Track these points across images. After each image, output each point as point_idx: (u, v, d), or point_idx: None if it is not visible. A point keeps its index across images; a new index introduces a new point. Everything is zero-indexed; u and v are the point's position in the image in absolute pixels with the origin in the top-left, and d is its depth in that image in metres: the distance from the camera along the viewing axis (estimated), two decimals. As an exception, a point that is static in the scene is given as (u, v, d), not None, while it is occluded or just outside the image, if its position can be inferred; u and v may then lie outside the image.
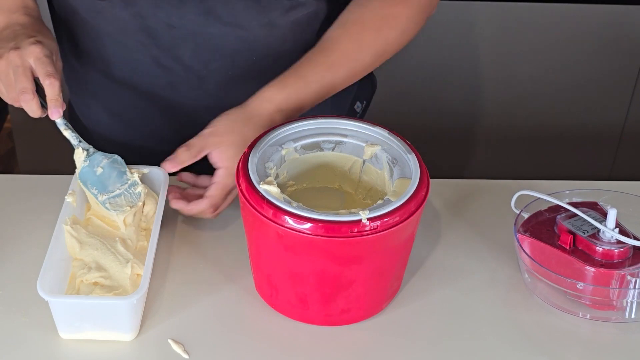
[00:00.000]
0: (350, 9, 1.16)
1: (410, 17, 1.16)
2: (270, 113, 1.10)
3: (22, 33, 1.07)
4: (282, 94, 1.10)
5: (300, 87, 1.11)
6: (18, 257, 1.06)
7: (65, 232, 1.01)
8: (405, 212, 0.93)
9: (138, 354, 0.96)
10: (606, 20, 2.05)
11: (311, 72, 1.12)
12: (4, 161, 2.62)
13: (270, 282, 0.99)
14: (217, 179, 1.07)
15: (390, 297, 1.02)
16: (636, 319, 1.01)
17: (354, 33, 1.14)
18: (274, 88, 1.11)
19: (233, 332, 0.99)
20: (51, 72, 1.02)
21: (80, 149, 1.07)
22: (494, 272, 1.08)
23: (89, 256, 1.01)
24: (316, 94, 1.12)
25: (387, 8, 1.15)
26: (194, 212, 1.08)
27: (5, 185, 1.20)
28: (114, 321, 0.95)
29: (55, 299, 0.93)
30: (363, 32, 1.14)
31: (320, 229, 0.90)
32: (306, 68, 1.13)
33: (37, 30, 1.09)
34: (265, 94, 1.10)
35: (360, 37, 1.14)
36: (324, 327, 1.00)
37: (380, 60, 1.17)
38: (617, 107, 2.21)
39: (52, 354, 0.95)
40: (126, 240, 1.04)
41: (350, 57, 1.14)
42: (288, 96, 1.10)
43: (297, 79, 1.12)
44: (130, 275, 0.99)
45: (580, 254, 1.01)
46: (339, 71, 1.14)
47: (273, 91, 1.10)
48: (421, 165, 0.99)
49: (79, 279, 1.00)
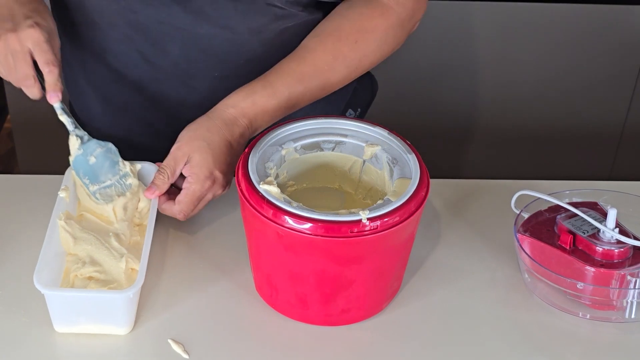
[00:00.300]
0: (329, 18, 1.15)
1: (388, 31, 1.15)
2: (234, 117, 1.09)
3: (19, 13, 1.06)
4: (247, 101, 1.09)
5: (268, 95, 1.10)
6: (19, 257, 1.06)
7: (59, 227, 1.02)
8: (405, 212, 0.93)
9: (133, 349, 0.96)
10: (606, 20, 2.05)
11: (281, 81, 1.11)
12: (4, 161, 2.62)
13: (270, 282, 0.99)
14: (186, 184, 1.06)
15: (390, 297, 1.02)
16: (636, 319, 1.01)
17: (330, 44, 1.13)
18: (240, 94, 1.10)
19: (233, 332, 0.99)
20: (50, 59, 1.03)
21: (74, 136, 1.08)
22: (494, 272, 1.08)
23: (83, 251, 1.02)
24: (285, 103, 1.11)
25: (365, 20, 1.14)
26: (166, 212, 1.08)
27: (5, 185, 1.20)
28: (110, 315, 0.95)
29: (52, 292, 0.94)
30: (339, 43, 1.13)
31: (320, 229, 0.90)
32: (276, 76, 1.11)
33: (34, 9, 1.08)
34: (230, 100, 1.10)
35: (335, 48, 1.13)
36: (324, 327, 1.00)
37: (356, 73, 1.16)
38: (617, 107, 2.21)
39: (48, 349, 0.96)
40: (120, 235, 1.04)
41: (323, 68, 1.13)
42: (253, 103, 1.09)
43: (265, 86, 1.10)
44: (125, 270, 1.00)
45: (580, 254, 1.01)
46: (311, 82, 1.12)
47: (239, 97, 1.10)
48: (421, 165, 0.99)
49: (73, 274, 1.00)
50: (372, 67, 1.18)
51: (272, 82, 1.11)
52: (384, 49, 1.16)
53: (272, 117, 1.11)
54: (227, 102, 1.10)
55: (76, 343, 0.96)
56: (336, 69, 1.14)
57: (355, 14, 1.14)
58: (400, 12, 1.15)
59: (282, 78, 1.11)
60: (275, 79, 1.11)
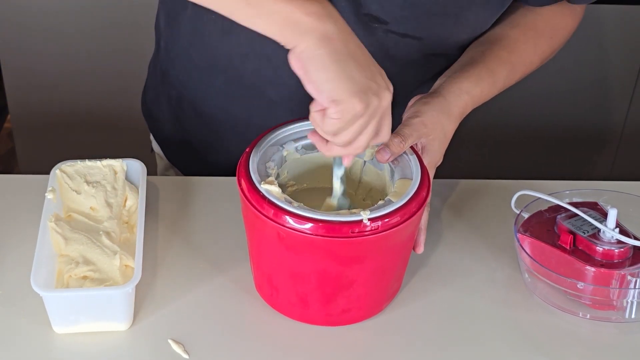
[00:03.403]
0: (520, 13, 1.14)
1: (572, 29, 1.16)
2: (464, 106, 1.05)
3: (371, 61, 0.89)
4: (478, 88, 1.06)
5: (491, 84, 1.07)
6: (19, 256, 1.06)
7: (50, 229, 1.02)
8: (406, 212, 0.93)
9: (132, 348, 0.96)
10: (606, 20, 2.05)
11: (499, 69, 1.08)
12: (4, 161, 2.62)
13: (271, 282, 0.99)
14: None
15: (390, 297, 1.02)
16: (636, 319, 1.01)
17: (530, 37, 1.12)
18: (469, 80, 1.06)
19: (233, 332, 0.99)
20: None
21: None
22: (494, 272, 1.08)
23: (75, 251, 1.02)
24: (497, 92, 1.08)
25: (558, 18, 1.14)
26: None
27: (5, 185, 1.20)
28: (110, 312, 0.96)
29: (50, 294, 0.94)
30: (538, 37, 1.13)
31: (321, 229, 0.90)
32: (494, 63, 1.08)
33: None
34: (463, 86, 1.05)
35: (535, 42, 1.12)
36: (324, 327, 1.00)
37: (536, 67, 1.15)
38: (617, 107, 2.21)
39: (47, 348, 0.96)
40: (110, 233, 1.05)
41: (526, 61, 1.11)
42: (482, 91, 1.06)
43: (488, 73, 1.07)
44: (119, 267, 1.00)
45: (580, 254, 1.01)
46: (517, 72, 1.11)
47: (469, 84, 1.05)
48: (422, 166, 0.99)
49: (67, 274, 1.00)
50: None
51: (493, 69, 1.08)
52: (562, 46, 1.16)
53: (476, 106, 1.08)
54: (461, 87, 1.05)
55: (75, 342, 0.96)
56: (534, 63, 1.13)
57: (548, 10, 1.14)
58: (580, 14, 1.16)
59: (500, 66, 1.08)
60: (495, 67, 1.08)
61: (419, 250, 1.03)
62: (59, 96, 2.16)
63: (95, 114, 2.20)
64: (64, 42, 2.12)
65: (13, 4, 2.07)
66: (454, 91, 1.05)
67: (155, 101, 1.32)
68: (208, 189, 1.19)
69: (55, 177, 1.09)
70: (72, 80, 2.16)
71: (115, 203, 1.08)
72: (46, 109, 2.18)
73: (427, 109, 1.03)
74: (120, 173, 1.12)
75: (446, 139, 1.04)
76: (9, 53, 2.13)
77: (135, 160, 1.12)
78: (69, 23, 2.10)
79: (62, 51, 2.12)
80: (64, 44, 2.12)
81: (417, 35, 1.07)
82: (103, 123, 2.21)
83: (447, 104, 1.04)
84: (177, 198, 1.17)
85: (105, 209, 1.08)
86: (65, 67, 2.14)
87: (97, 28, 2.10)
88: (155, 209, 1.15)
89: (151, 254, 1.07)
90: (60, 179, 1.09)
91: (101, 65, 2.14)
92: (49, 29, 2.10)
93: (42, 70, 2.15)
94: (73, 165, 1.11)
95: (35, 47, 2.12)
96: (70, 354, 0.95)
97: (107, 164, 1.11)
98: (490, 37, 1.12)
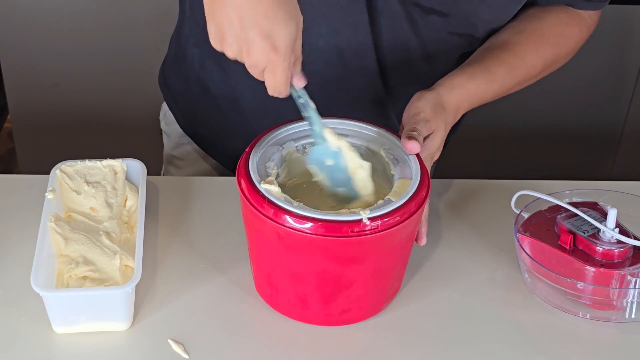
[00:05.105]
0: (526, 19, 1.14)
1: (578, 41, 1.16)
2: (457, 99, 1.05)
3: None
4: (472, 83, 1.06)
5: (487, 81, 1.07)
6: (19, 256, 1.06)
7: (50, 229, 1.02)
8: (405, 212, 0.93)
9: (132, 348, 0.96)
10: (606, 20, 2.05)
11: (497, 68, 1.08)
12: (4, 161, 2.62)
13: (271, 281, 0.99)
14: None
15: (390, 297, 1.02)
16: (636, 319, 1.01)
17: (533, 41, 1.12)
18: (461, 76, 1.06)
19: (233, 332, 0.99)
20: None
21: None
22: (494, 272, 1.08)
23: (75, 251, 1.02)
24: (494, 93, 1.09)
25: (564, 25, 1.14)
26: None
27: (5, 185, 1.20)
28: (110, 312, 0.96)
29: (50, 294, 0.94)
30: (541, 43, 1.12)
31: (321, 229, 0.90)
32: (492, 63, 1.08)
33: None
34: (455, 80, 1.06)
35: (538, 47, 1.12)
36: (324, 327, 1.00)
37: (544, 74, 1.15)
38: (617, 107, 2.21)
39: (47, 348, 0.96)
40: (110, 233, 1.05)
41: (528, 64, 1.11)
42: (477, 86, 1.06)
43: (484, 70, 1.07)
44: (119, 267, 1.00)
45: (580, 254, 1.01)
46: (517, 75, 1.11)
47: (461, 78, 1.06)
48: (421, 165, 0.99)
49: (67, 274, 1.00)
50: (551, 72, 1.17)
51: (489, 67, 1.08)
52: (569, 56, 1.16)
53: (475, 105, 1.08)
54: (453, 82, 1.06)
55: (75, 342, 0.96)
56: (537, 67, 1.13)
57: (554, 18, 1.14)
58: (590, 25, 1.16)
59: (499, 66, 1.09)
60: (492, 66, 1.08)
61: (421, 242, 1.04)
62: (59, 96, 2.16)
63: (95, 114, 2.20)
64: (64, 42, 2.12)
65: (13, 4, 2.07)
66: (446, 85, 1.06)
67: (176, 68, 1.29)
68: (208, 189, 1.19)
69: (55, 177, 1.09)
70: (72, 80, 2.16)
71: (115, 203, 1.08)
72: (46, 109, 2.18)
73: (423, 104, 1.04)
74: (120, 173, 1.12)
75: (445, 132, 1.05)
76: (9, 53, 2.13)
77: (135, 160, 1.12)
78: (69, 23, 2.10)
79: (62, 51, 2.13)
80: (64, 43, 2.12)
81: (443, 10, 1.08)
82: (103, 123, 2.22)
83: (440, 97, 1.05)
84: (177, 198, 1.17)
85: (105, 209, 1.08)
86: (65, 67, 2.14)
87: (97, 28, 2.10)
88: (155, 209, 1.15)
89: (151, 254, 1.08)
90: (60, 179, 1.09)
91: (101, 65, 2.14)
92: (49, 29, 2.11)
93: (42, 70, 2.15)
94: (73, 165, 1.11)
95: (35, 47, 2.12)
96: (70, 354, 0.96)
97: (107, 164, 1.12)
98: (493, 43, 1.13)
